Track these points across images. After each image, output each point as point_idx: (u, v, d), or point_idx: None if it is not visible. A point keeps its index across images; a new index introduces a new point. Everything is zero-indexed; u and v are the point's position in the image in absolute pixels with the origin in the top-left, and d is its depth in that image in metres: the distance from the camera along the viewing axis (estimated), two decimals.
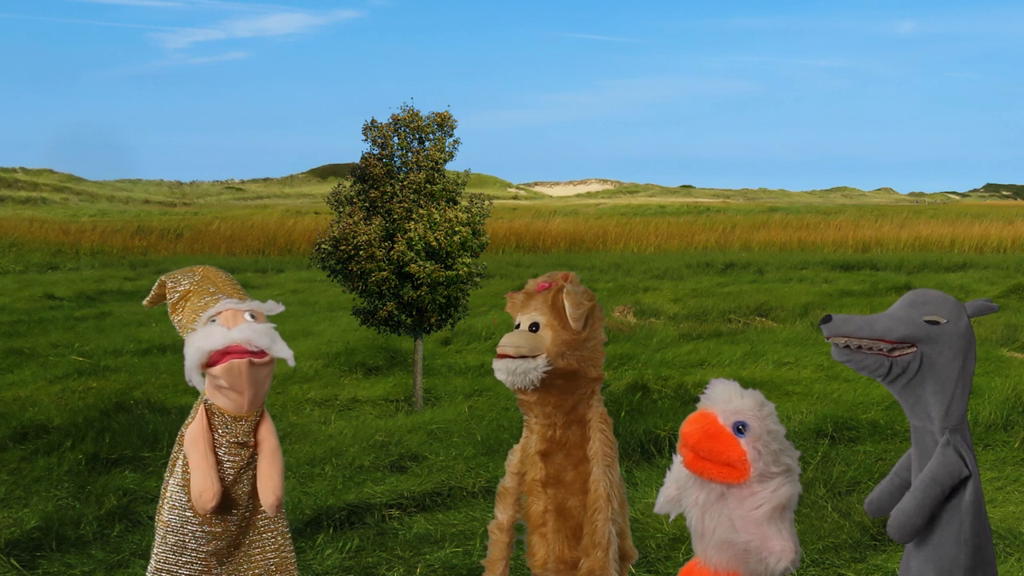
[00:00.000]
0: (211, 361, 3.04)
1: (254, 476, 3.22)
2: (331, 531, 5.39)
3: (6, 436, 7.31)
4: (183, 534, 3.14)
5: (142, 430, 7.30)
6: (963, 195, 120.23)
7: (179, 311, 3.24)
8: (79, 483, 6.26)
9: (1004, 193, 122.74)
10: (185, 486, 3.14)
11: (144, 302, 3.40)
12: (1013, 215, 44.52)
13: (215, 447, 3.14)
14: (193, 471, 3.10)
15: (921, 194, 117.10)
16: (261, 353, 3.08)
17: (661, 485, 2.71)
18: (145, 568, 4.77)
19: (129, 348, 12.03)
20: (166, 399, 8.66)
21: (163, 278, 3.34)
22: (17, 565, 4.89)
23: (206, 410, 3.15)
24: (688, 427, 2.53)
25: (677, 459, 2.60)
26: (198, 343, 3.05)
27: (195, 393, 3.24)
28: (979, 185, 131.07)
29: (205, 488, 3.07)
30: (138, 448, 6.96)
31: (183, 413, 8.02)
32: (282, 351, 3.12)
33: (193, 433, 3.12)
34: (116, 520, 5.56)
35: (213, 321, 3.09)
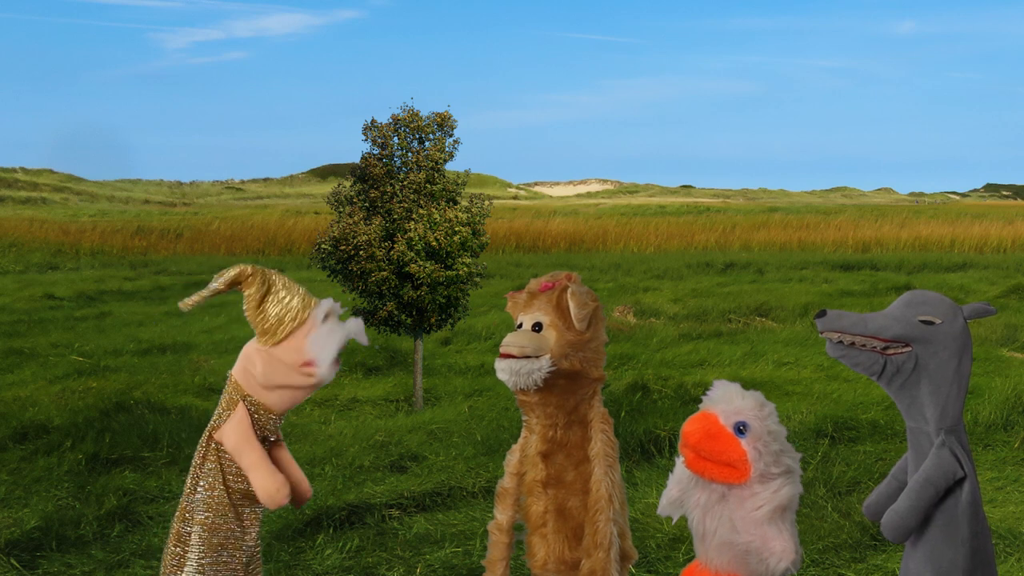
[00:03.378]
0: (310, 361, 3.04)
1: None
2: (331, 531, 5.39)
3: (6, 436, 7.31)
4: (224, 533, 3.12)
5: (142, 430, 7.30)
6: (963, 195, 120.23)
7: (267, 302, 3.06)
8: (79, 483, 6.25)
9: (1004, 193, 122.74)
10: (227, 486, 3.10)
11: (190, 302, 3.07)
12: (1013, 215, 44.53)
13: None
14: (255, 471, 3.06)
15: (921, 194, 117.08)
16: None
17: (661, 485, 2.71)
18: (145, 568, 4.79)
19: (129, 348, 12.03)
20: (166, 399, 8.66)
21: (237, 271, 3.07)
22: (17, 565, 4.89)
23: (247, 408, 3.12)
24: (689, 427, 2.54)
25: (679, 461, 2.61)
26: (333, 344, 3.03)
27: (197, 394, 3.23)
28: (979, 185, 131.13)
29: (280, 485, 3.05)
30: (138, 448, 6.96)
31: (183, 413, 8.09)
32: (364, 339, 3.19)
33: (242, 433, 3.08)
34: (116, 520, 5.56)
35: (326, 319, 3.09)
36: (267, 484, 3.06)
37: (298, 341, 3.04)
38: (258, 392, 3.10)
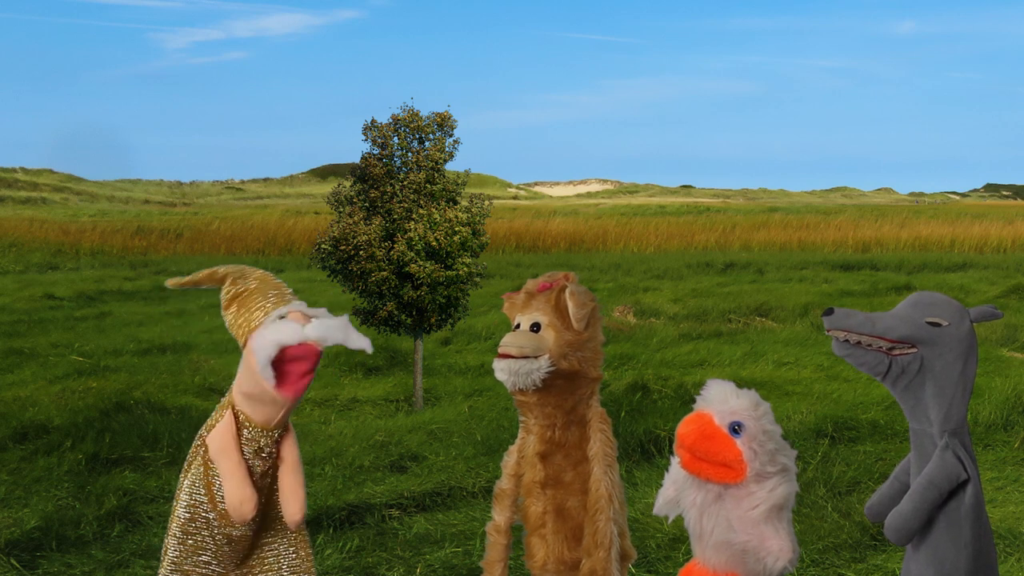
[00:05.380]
0: (283, 358, 2.93)
1: (271, 483, 3.17)
2: (331, 531, 5.39)
3: (6, 436, 7.31)
4: (201, 536, 3.11)
5: (142, 430, 7.30)
6: (963, 195, 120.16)
7: (234, 307, 3.07)
8: (79, 483, 6.26)
9: (1004, 193, 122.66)
10: (207, 487, 3.09)
11: (176, 281, 3.20)
12: (1013, 215, 44.53)
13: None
14: (227, 480, 3.03)
15: (921, 194, 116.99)
16: (316, 358, 3.00)
17: (661, 485, 2.71)
18: (145, 568, 4.80)
19: (129, 348, 12.04)
20: (166, 399, 8.66)
21: (225, 270, 3.15)
22: (17, 565, 4.89)
23: (235, 415, 3.07)
24: (684, 428, 2.53)
25: (675, 460, 2.60)
26: (271, 336, 2.93)
27: (197, 394, 3.22)
28: (979, 185, 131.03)
29: (245, 498, 3.01)
30: (138, 448, 6.96)
31: (183, 413, 8.09)
32: (359, 342, 3.02)
33: (223, 440, 3.04)
34: (116, 520, 5.57)
35: (282, 318, 3.00)
36: (232, 495, 3.02)
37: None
38: (240, 400, 3.06)
